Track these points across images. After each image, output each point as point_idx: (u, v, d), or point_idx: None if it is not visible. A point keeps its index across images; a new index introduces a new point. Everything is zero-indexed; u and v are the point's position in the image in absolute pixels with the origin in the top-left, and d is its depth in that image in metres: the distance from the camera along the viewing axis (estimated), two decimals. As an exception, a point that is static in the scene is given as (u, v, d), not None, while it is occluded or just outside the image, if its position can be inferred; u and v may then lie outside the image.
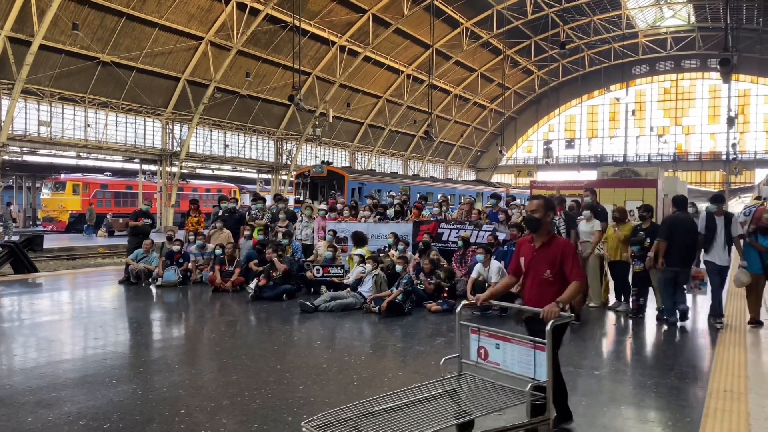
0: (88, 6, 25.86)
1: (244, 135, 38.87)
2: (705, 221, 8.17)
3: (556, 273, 4.29)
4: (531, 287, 4.43)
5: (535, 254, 4.40)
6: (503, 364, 4.10)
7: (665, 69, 59.63)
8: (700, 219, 8.43)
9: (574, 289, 4.19)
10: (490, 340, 4.19)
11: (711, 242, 8.09)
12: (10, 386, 5.28)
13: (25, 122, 27.62)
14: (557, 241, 4.40)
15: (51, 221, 33.06)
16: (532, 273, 4.41)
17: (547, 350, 3.82)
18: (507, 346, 4.08)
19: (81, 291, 11.62)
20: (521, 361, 3.97)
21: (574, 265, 4.26)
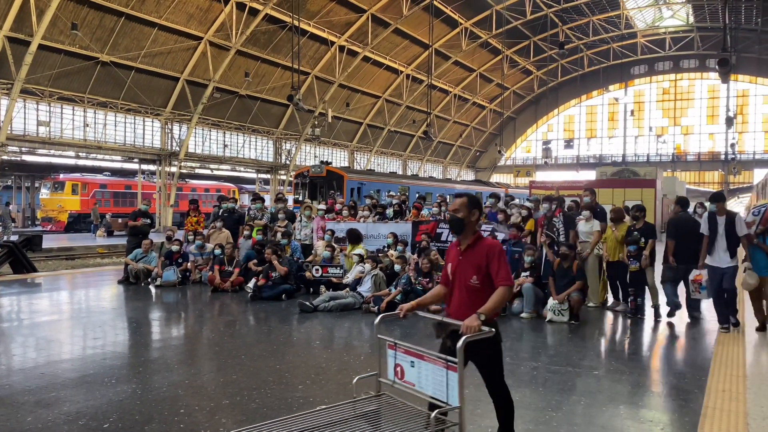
0: (87, 6, 25.86)
1: (243, 135, 38.87)
2: (707, 222, 7.78)
3: (484, 279, 3.76)
4: (457, 296, 3.92)
5: (460, 259, 3.88)
6: (418, 385, 3.54)
7: (664, 69, 59.70)
8: (702, 219, 8.04)
9: (499, 296, 3.65)
10: (405, 357, 3.64)
11: (713, 244, 7.67)
12: (9, 386, 5.28)
13: (24, 122, 27.61)
14: (483, 242, 3.86)
15: (50, 221, 33.05)
16: (458, 280, 3.90)
17: (459, 371, 3.24)
18: (422, 365, 3.53)
19: (80, 291, 11.62)
20: (435, 383, 3.42)
21: (500, 267, 3.71)
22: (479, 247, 3.82)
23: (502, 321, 8.47)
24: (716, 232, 7.65)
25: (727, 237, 7.57)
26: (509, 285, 3.70)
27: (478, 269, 3.76)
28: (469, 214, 3.84)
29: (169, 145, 33.54)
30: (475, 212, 3.86)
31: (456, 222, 3.86)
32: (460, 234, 3.90)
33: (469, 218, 3.84)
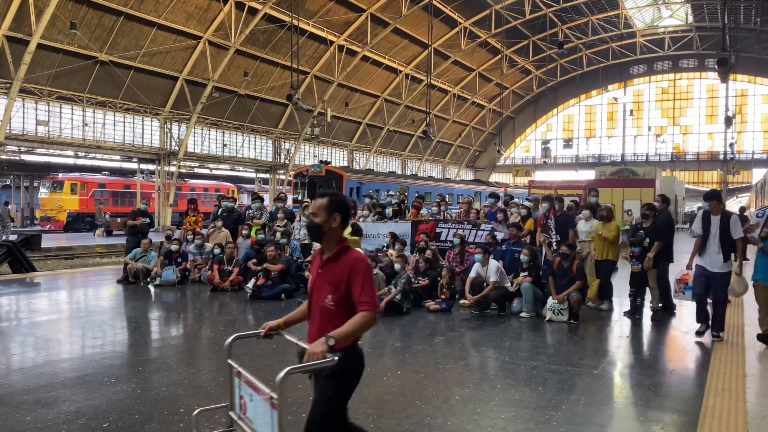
0: (86, 5, 25.84)
1: (242, 134, 38.85)
2: (701, 221, 7.43)
3: (341, 300, 3.06)
4: (314, 317, 3.27)
5: (319, 272, 3.22)
6: (255, 423, 3.00)
7: (663, 69, 59.75)
8: (696, 218, 7.75)
9: (359, 322, 2.95)
10: (246, 387, 3.10)
11: (705, 244, 7.28)
12: (8, 385, 5.28)
13: (23, 121, 27.58)
14: (348, 255, 3.13)
15: (49, 221, 33.03)
16: (314, 297, 3.25)
17: (279, 409, 2.70)
18: (256, 398, 2.99)
19: (79, 290, 11.61)
20: (263, 421, 2.87)
21: (364, 288, 3.01)
22: (342, 262, 3.11)
23: (502, 321, 8.47)
24: (709, 232, 7.28)
25: (720, 238, 7.15)
26: (372, 311, 2.99)
27: (336, 288, 3.08)
28: (328, 218, 3.15)
29: (168, 145, 33.52)
30: (336, 217, 3.15)
31: (313, 228, 3.18)
32: (319, 242, 3.22)
33: (328, 224, 3.15)
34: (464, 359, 6.46)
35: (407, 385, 5.39)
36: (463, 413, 4.67)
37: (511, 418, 4.58)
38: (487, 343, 7.19)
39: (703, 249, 7.30)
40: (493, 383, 5.53)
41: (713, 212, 7.36)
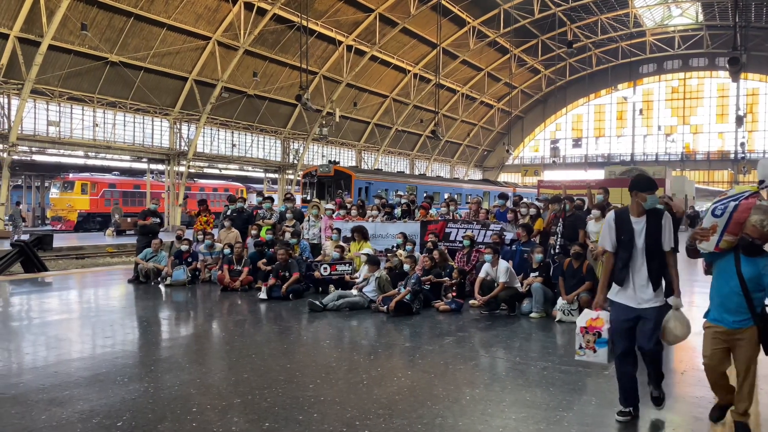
0: (96, 6, 26.02)
1: (251, 134, 38.99)
2: (612, 226, 4.52)
3: None
4: None
5: None
6: None
7: (673, 68, 59.42)
8: (605, 223, 4.68)
9: None
10: None
11: (626, 266, 4.43)
12: (22, 384, 5.33)
13: (35, 122, 27.81)
14: None
15: (60, 220, 33.27)
16: None
17: None
18: None
19: (90, 290, 11.70)
20: None
21: None
22: None
23: (512, 321, 8.47)
24: (631, 243, 4.38)
25: (648, 253, 4.33)
26: None
27: None
28: None
29: (178, 145, 33.69)
30: None
31: None
32: None
33: None
34: (474, 360, 6.46)
35: (418, 386, 5.40)
36: (473, 414, 4.67)
37: (522, 418, 4.58)
38: (497, 344, 7.18)
39: (623, 273, 4.42)
40: (504, 384, 5.53)
41: (632, 211, 4.42)
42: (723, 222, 4.13)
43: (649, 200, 4.40)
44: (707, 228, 4.18)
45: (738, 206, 4.10)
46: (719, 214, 4.16)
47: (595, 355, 4.74)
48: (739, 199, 4.13)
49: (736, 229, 4.06)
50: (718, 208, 4.17)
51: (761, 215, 3.95)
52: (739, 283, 4.06)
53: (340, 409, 4.75)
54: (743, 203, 4.09)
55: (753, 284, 4.05)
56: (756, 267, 4.05)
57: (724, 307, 4.15)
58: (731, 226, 4.09)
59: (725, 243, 4.13)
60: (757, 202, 4.04)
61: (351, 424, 4.42)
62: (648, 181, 4.47)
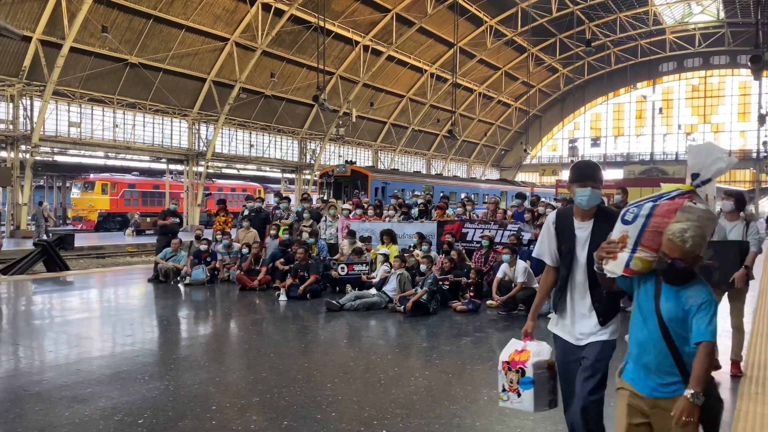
0: (116, 9, 26.33)
1: (268, 135, 39.20)
2: (552, 232, 3.49)
3: None
4: None
5: None
6: None
7: (693, 66, 58.63)
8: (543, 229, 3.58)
9: None
10: None
11: (564, 287, 3.41)
12: (46, 381, 5.42)
13: (56, 123, 28.22)
14: None
15: (80, 220, 33.72)
16: None
17: None
18: None
19: (111, 289, 11.85)
20: None
21: None
22: None
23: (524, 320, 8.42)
24: (571, 256, 3.37)
25: (591, 272, 3.20)
26: None
27: None
28: None
29: (197, 146, 33.98)
30: None
31: None
32: None
33: None
34: (492, 360, 6.44)
35: (435, 386, 5.41)
36: (491, 414, 4.67)
37: (540, 419, 4.57)
38: (515, 344, 7.15)
39: (558, 297, 3.45)
40: (522, 384, 5.51)
41: (576, 213, 3.41)
42: (635, 231, 2.80)
43: (578, 195, 3.28)
44: (615, 240, 2.86)
45: (656, 208, 2.80)
46: (630, 219, 2.85)
47: (519, 400, 3.38)
48: (662, 198, 2.86)
49: (655, 242, 2.73)
50: (631, 211, 2.87)
51: (684, 223, 2.62)
52: (658, 325, 2.67)
53: (357, 408, 4.77)
54: (663, 205, 2.80)
55: (676, 328, 2.63)
56: (678, 302, 2.62)
57: (641, 362, 2.75)
58: (646, 236, 2.77)
59: (639, 263, 2.77)
60: (685, 204, 2.76)
61: (369, 423, 4.44)
62: (579, 169, 3.34)
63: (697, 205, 2.75)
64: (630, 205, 2.92)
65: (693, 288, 2.63)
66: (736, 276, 5.51)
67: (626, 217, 2.87)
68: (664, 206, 2.80)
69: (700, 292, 2.60)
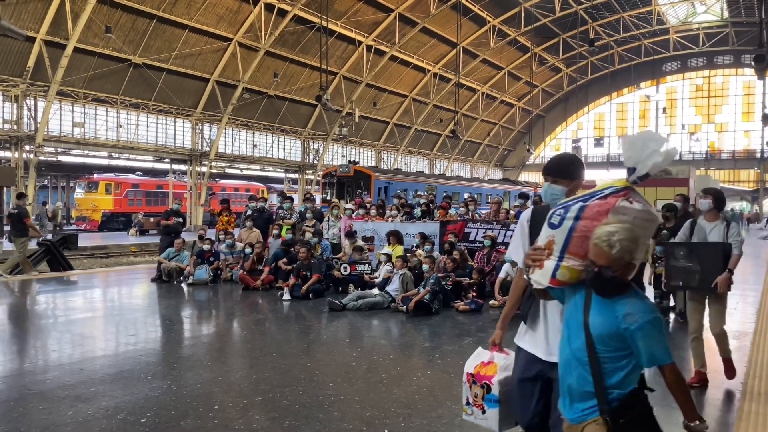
0: (120, 9, 26.41)
1: (271, 135, 39.24)
2: (525, 229, 3.18)
3: None
4: None
5: None
6: None
7: (697, 65, 58.53)
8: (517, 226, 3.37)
9: None
10: None
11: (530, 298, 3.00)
12: (49, 381, 5.44)
13: (60, 123, 28.30)
14: None
15: (84, 220, 33.80)
16: None
17: None
18: None
19: (114, 288, 11.88)
20: None
21: None
22: None
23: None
24: None
25: None
26: None
27: None
28: None
29: (200, 146, 34.03)
30: None
31: None
32: None
33: None
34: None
35: (437, 385, 5.41)
36: (493, 414, 4.66)
37: (542, 419, 4.56)
38: (517, 344, 7.15)
39: (529, 306, 3.00)
40: (524, 384, 5.51)
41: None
42: (562, 237, 2.47)
43: (544, 190, 2.96)
44: (541, 247, 2.54)
45: (584, 209, 2.47)
46: (556, 223, 2.51)
47: (484, 417, 3.07)
48: (593, 197, 2.50)
49: (583, 249, 2.41)
50: (557, 213, 2.53)
51: (613, 226, 2.31)
52: (585, 342, 2.35)
53: (359, 408, 4.77)
54: (593, 205, 2.46)
55: (604, 346, 2.31)
56: (612, 317, 2.31)
57: (564, 385, 2.45)
58: (574, 242, 2.45)
59: (566, 272, 2.43)
60: (619, 203, 2.43)
61: (371, 422, 4.44)
62: (551, 164, 2.98)
63: (634, 205, 2.43)
64: (557, 206, 2.57)
65: (630, 303, 2.29)
66: (719, 280, 5.15)
67: (552, 220, 2.53)
68: (594, 207, 2.45)
69: (642, 310, 2.27)
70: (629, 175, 2.52)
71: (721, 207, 5.53)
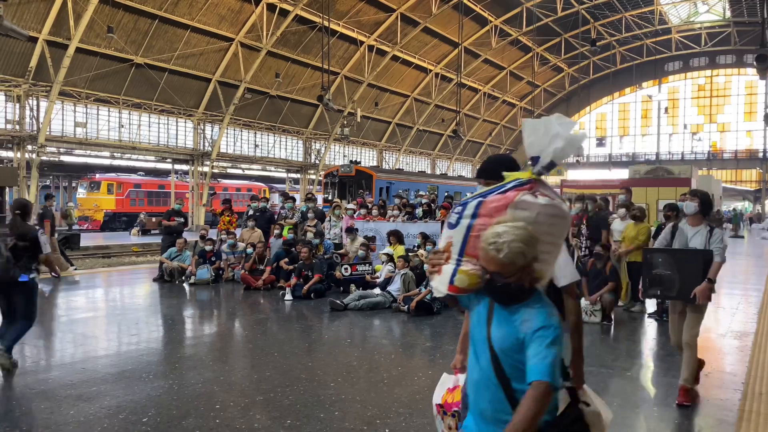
0: (122, 9, 26.43)
1: (273, 135, 39.26)
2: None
3: None
4: None
5: None
6: None
7: (699, 65, 58.45)
8: None
9: None
10: None
11: None
12: (51, 380, 5.46)
13: (62, 123, 28.33)
14: None
15: (86, 220, 33.85)
16: None
17: None
18: None
19: (116, 288, 11.90)
20: None
21: None
22: None
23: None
24: None
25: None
26: None
27: None
28: None
29: (202, 146, 34.06)
30: None
31: None
32: None
33: None
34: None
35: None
36: (494, 414, 4.67)
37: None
38: (519, 344, 7.15)
39: None
40: (525, 384, 5.51)
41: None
42: (459, 237, 2.20)
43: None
44: (441, 249, 2.27)
45: (481, 206, 2.20)
46: (454, 222, 2.24)
47: None
48: (494, 192, 2.23)
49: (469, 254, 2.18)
50: (456, 211, 2.27)
51: (502, 226, 2.03)
52: (491, 359, 2.08)
53: (360, 407, 4.78)
54: (491, 201, 2.19)
55: (510, 361, 2.05)
56: (511, 327, 2.05)
57: (478, 410, 2.17)
58: (471, 244, 2.18)
59: (464, 278, 2.13)
60: (519, 198, 2.16)
61: (371, 422, 4.45)
62: (485, 165, 2.74)
63: (538, 199, 2.15)
64: (457, 204, 2.32)
65: (529, 310, 2.02)
66: (698, 291, 4.75)
67: (450, 219, 2.24)
68: (491, 203, 2.16)
69: (537, 315, 2.00)
70: (534, 165, 2.26)
71: (707, 211, 5.15)
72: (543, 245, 2.08)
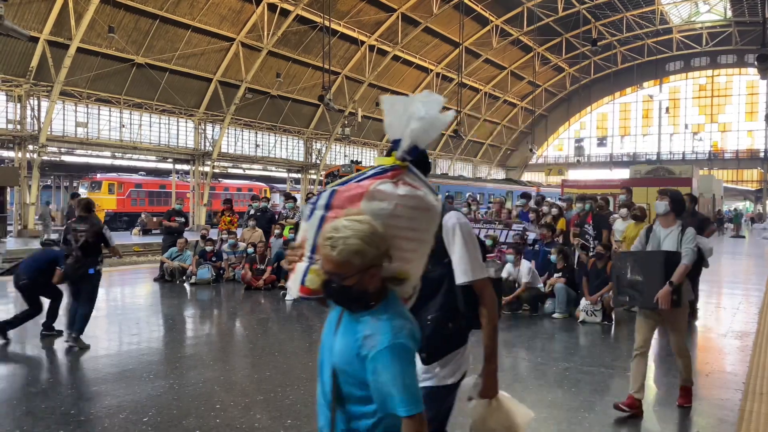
0: (123, 9, 26.45)
1: (274, 135, 39.27)
2: None
3: None
4: None
5: None
6: None
7: (700, 65, 58.40)
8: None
9: None
10: None
11: None
12: (52, 380, 5.46)
13: (63, 123, 28.35)
14: None
15: (87, 220, 33.84)
16: None
17: None
18: None
19: (117, 288, 11.90)
20: None
21: None
22: None
23: (534, 322, 8.43)
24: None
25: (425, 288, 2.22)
26: None
27: None
28: None
29: (203, 145, 34.07)
30: None
31: None
32: None
33: None
34: (496, 360, 6.44)
35: (439, 385, 5.41)
36: (494, 413, 4.66)
37: (544, 419, 4.57)
38: (519, 344, 7.16)
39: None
40: (525, 384, 5.52)
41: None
42: (312, 232, 1.94)
43: None
44: (296, 245, 2.01)
45: (334, 196, 1.95)
46: (308, 214, 1.99)
47: None
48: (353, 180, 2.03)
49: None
50: (311, 202, 2.02)
51: (342, 221, 1.79)
52: (330, 374, 1.84)
53: None
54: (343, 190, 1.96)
55: (346, 378, 1.79)
56: (352, 338, 1.77)
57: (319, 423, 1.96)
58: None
59: (316, 279, 1.87)
60: (374, 187, 1.92)
61: (372, 422, 4.44)
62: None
63: (398, 189, 1.91)
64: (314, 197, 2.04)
65: (375, 321, 1.73)
66: (659, 295, 4.45)
67: (305, 209, 2.02)
68: (344, 192, 1.92)
69: (383, 330, 1.69)
70: (397, 150, 2.01)
71: (679, 211, 4.87)
72: (403, 242, 1.85)
